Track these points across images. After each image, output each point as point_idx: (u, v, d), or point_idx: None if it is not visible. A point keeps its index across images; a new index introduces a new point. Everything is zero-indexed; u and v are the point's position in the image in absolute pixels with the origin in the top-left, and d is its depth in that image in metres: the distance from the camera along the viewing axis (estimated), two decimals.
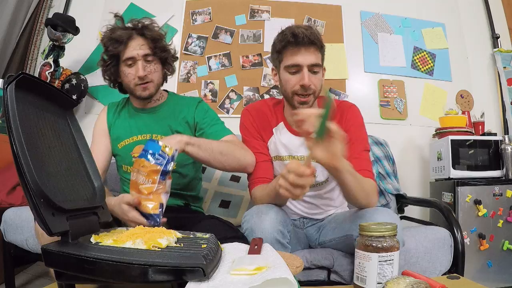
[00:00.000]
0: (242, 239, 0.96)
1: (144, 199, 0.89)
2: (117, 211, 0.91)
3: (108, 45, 1.16)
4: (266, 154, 1.21)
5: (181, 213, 1.21)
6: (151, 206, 0.88)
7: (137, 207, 0.90)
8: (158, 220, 0.90)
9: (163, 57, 1.21)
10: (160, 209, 0.90)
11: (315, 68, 1.10)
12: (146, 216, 0.89)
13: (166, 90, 1.36)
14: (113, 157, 1.30)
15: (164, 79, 1.29)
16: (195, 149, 1.04)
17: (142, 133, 1.22)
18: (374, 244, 0.72)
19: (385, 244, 0.72)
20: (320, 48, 1.11)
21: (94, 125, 1.30)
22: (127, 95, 1.31)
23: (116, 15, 1.19)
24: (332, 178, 1.24)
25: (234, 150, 1.12)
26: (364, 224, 0.76)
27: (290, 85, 1.12)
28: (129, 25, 1.18)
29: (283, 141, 1.21)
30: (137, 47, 1.15)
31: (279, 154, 1.22)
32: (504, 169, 1.97)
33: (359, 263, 0.74)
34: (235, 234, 0.99)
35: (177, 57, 1.31)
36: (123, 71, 1.19)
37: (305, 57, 1.08)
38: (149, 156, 0.88)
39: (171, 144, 0.94)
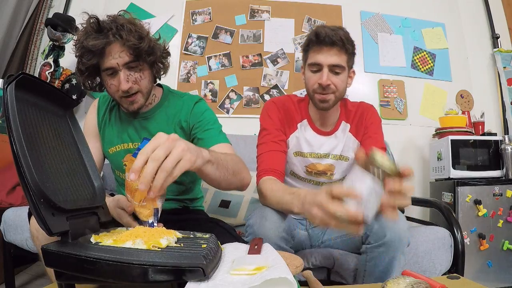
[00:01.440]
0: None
1: (137, 207, 0.85)
2: (113, 213, 0.91)
3: (82, 55, 1.00)
4: (283, 147, 1.19)
5: (180, 214, 1.17)
6: (145, 214, 0.85)
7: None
8: (153, 227, 0.89)
9: (149, 60, 1.05)
10: (155, 216, 0.86)
11: (336, 69, 1.11)
12: (141, 222, 0.88)
13: (160, 85, 1.20)
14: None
15: (155, 80, 1.14)
16: (213, 169, 0.82)
17: (133, 141, 1.13)
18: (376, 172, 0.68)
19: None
20: (345, 50, 1.11)
21: (85, 122, 1.19)
22: None
23: (90, 17, 1.00)
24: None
25: (241, 169, 0.97)
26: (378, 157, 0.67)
27: (311, 83, 1.14)
28: (104, 25, 0.99)
29: (307, 138, 1.23)
30: (116, 55, 0.99)
31: (301, 150, 1.23)
32: (504, 169, 1.97)
33: (352, 180, 0.64)
34: (235, 241, 0.95)
35: (169, 52, 1.14)
36: (105, 80, 1.05)
37: (326, 57, 1.10)
38: None
39: (192, 158, 0.70)
